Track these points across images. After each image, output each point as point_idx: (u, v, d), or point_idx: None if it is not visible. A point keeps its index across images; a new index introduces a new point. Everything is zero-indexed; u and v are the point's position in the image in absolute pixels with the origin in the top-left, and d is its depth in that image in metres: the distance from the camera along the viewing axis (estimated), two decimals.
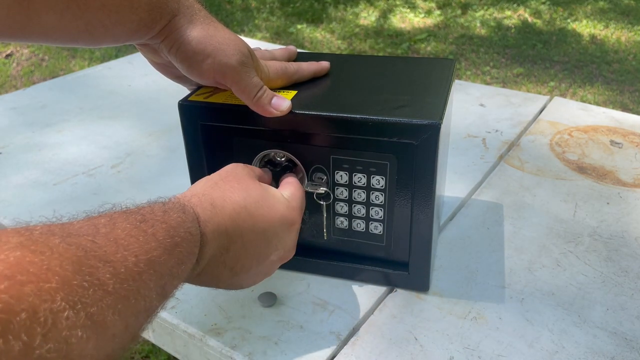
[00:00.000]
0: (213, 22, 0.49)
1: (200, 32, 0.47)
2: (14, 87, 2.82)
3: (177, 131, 0.54)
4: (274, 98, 0.49)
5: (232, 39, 0.48)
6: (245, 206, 0.43)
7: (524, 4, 3.77)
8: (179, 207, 0.38)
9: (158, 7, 0.46)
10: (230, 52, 0.47)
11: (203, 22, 0.48)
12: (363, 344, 0.50)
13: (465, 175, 0.76)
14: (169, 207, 0.37)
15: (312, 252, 0.57)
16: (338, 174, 0.53)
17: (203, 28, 0.48)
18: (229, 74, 0.48)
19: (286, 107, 0.49)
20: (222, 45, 0.47)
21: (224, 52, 0.47)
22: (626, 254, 0.61)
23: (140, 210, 0.35)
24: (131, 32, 0.47)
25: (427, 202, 0.50)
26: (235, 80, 0.48)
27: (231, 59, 0.47)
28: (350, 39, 3.36)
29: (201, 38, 0.47)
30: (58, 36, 0.45)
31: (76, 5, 0.43)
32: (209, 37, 0.47)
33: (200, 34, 0.47)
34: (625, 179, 0.75)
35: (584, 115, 0.92)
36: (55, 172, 0.80)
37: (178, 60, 0.49)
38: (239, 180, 0.45)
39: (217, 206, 0.41)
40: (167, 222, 0.35)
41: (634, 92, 2.66)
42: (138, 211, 0.34)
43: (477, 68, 2.94)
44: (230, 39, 0.48)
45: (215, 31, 0.48)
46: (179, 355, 0.56)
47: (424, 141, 0.47)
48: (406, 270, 0.55)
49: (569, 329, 0.52)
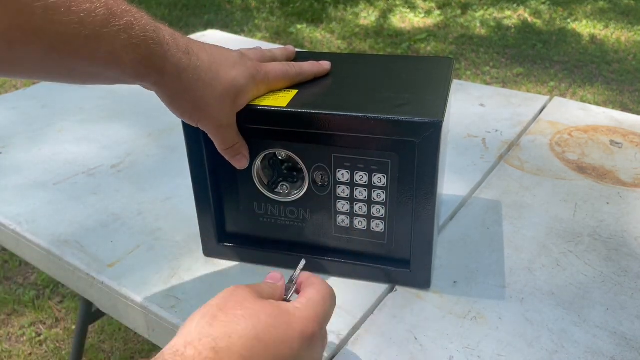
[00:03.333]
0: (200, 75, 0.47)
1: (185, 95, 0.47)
2: (14, 87, 2.82)
3: (177, 131, 0.54)
4: (237, 156, 0.53)
5: (214, 94, 0.48)
6: (256, 336, 0.36)
7: (524, 4, 3.77)
8: None
9: (144, 65, 0.44)
10: (214, 113, 0.49)
11: (191, 78, 0.47)
12: (363, 343, 0.51)
13: (465, 175, 0.76)
14: None
15: (314, 251, 0.57)
16: (339, 173, 0.53)
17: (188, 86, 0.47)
18: (212, 134, 0.51)
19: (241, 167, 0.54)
20: (204, 106, 0.48)
21: (210, 112, 0.49)
22: (626, 254, 0.61)
23: None
24: (118, 81, 0.46)
25: (429, 200, 0.50)
26: (215, 136, 0.51)
27: (213, 122, 0.50)
28: (350, 39, 3.36)
29: (188, 99, 0.48)
30: (43, 77, 0.44)
31: (57, 55, 0.40)
32: (196, 98, 0.48)
33: (184, 95, 0.47)
34: (625, 179, 0.75)
35: (584, 115, 0.92)
36: (55, 172, 0.80)
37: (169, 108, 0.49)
38: (243, 305, 0.37)
39: (222, 349, 0.34)
40: None
41: (634, 92, 2.66)
42: None
43: (477, 68, 2.94)
44: (212, 95, 0.48)
45: (202, 87, 0.48)
46: None
47: (425, 139, 0.47)
48: (408, 267, 0.55)
49: (569, 328, 0.52)
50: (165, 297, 0.56)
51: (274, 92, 0.53)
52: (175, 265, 0.60)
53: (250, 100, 0.52)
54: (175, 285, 0.58)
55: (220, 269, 0.60)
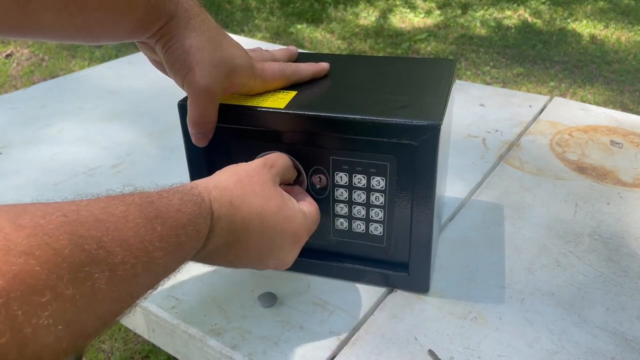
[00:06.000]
0: (207, 31, 0.48)
1: (189, 41, 0.47)
2: (14, 87, 2.82)
3: (177, 131, 0.54)
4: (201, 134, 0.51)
5: (214, 57, 0.48)
6: (260, 213, 0.44)
7: (524, 4, 3.77)
8: (197, 200, 0.39)
9: (155, 8, 0.46)
10: (202, 74, 0.48)
11: (198, 29, 0.48)
12: (363, 344, 0.50)
13: (465, 176, 0.76)
14: (186, 199, 0.38)
15: (312, 253, 0.57)
16: (338, 175, 0.53)
17: (194, 37, 0.48)
18: (190, 93, 0.49)
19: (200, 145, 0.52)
20: (201, 63, 0.47)
21: (198, 71, 0.48)
22: (626, 254, 0.61)
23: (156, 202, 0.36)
24: (129, 31, 0.47)
25: (427, 203, 0.50)
26: (195, 101, 0.49)
27: (201, 81, 0.48)
28: (350, 39, 3.36)
29: (187, 48, 0.47)
30: (56, 34, 0.45)
31: (74, 5, 0.43)
32: (194, 50, 0.47)
33: (188, 43, 0.47)
34: (625, 179, 0.75)
35: (584, 115, 0.92)
36: (55, 172, 0.79)
37: (164, 61, 0.49)
38: (262, 186, 0.46)
39: (234, 206, 0.42)
40: (179, 219, 0.36)
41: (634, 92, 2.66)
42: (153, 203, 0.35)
43: (477, 68, 2.94)
44: (212, 57, 0.48)
45: (205, 43, 0.48)
46: (179, 355, 0.56)
47: (424, 142, 0.47)
48: (406, 271, 0.55)
49: (569, 329, 0.52)
50: (165, 297, 0.56)
51: (272, 93, 0.53)
52: None
53: (243, 90, 0.51)
54: (175, 285, 0.58)
55: (220, 269, 0.60)
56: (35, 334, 0.24)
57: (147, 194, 0.36)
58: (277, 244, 0.47)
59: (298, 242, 0.48)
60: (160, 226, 0.34)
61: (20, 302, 0.23)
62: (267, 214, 0.45)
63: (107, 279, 0.28)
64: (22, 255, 0.24)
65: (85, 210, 0.30)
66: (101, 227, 0.30)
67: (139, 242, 0.32)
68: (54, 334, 0.25)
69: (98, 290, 0.28)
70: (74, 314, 0.26)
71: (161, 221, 0.35)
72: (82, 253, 0.27)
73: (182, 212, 0.37)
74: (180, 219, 0.36)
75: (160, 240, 0.34)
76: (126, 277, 0.30)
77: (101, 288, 0.28)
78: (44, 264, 0.25)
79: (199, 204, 0.39)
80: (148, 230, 0.33)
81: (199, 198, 0.40)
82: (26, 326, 0.23)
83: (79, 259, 0.27)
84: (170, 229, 0.35)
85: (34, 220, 0.26)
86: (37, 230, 0.26)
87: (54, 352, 0.25)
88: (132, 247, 0.31)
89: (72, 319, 0.26)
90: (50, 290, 0.25)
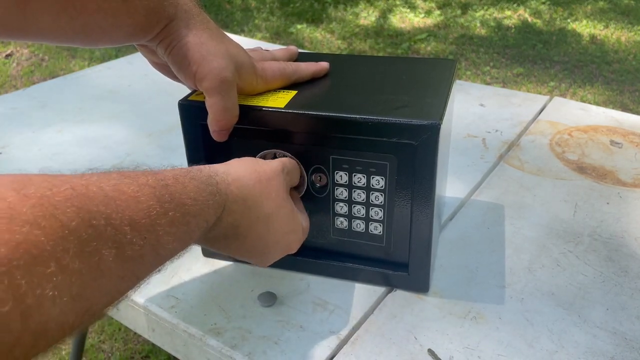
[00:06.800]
0: (208, 29, 0.49)
1: (193, 39, 0.47)
2: (14, 87, 2.82)
3: (177, 131, 0.54)
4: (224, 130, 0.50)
5: (220, 49, 0.48)
6: (267, 219, 0.45)
7: (524, 4, 3.77)
8: (212, 191, 0.40)
9: (155, 12, 0.46)
10: (214, 65, 0.47)
11: (199, 27, 0.48)
12: (363, 343, 0.51)
13: (465, 175, 0.76)
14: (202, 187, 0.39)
15: (312, 252, 0.57)
16: (338, 174, 0.53)
17: (197, 34, 0.48)
18: (206, 87, 0.48)
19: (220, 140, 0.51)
20: (209, 55, 0.47)
21: (209, 63, 0.47)
22: (626, 254, 0.61)
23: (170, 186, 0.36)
24: (128, 35, 0.47)
25: (427, 203, 0.50)
26: (214, 94, 0.48)
27: (215, 71, 0.47)
28: (350, 39, 3.36)
29: (192, 44, 0.47)
30: (55, 37, 0.45)
31: (73, 8, 0.43)
32: (199, 45, 0.47)
33: (192, 40, 0.47)
34: (625, 179, 0.75)
35: (584, 115, 0.92)
36: (55, 172, 0.79)
37: (170, 62, 0.49)
38: (277, 192, 0.47)
39: (247, 206, 0.43)
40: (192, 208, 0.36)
41: (634, 92, 2.66)
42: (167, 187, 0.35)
43: (477, 68, 2.94)
44: (218, 50, 0.48)
45: (208, 39, 0.48)
46: (179, 355, 0.56)
47: (423, 141, 0.47)
48: (406, 271, 0.55)
49: (569, 329, 0.52)
50: (165, 297, 0.56)
51: (272, 92, 0.53)
52: (175, 265, 0.60)
53: (246, 89, 0.51)
54: (175, 285, 0.58)
55: (220, 269, 0.60)
56: (40, 305, 0.23)
57: (162, 176, 0.36)
58: (270, 249, 0.48)
59: (287, 252, 0.51)
60: (173, 211, 0.34)
61: (24, 271, 0.23)
62: (273, 222, 0.46)
63: (114, 256, 0.28)
64: (25, 224, 0.24)
65: (94, 186, 0.29)
66: (111, 205, 0.29)
67: (150, 224, 0.32)
68: (59, 306, 0.24)
69: (105, 267, 0.27)
70: (80, 288, 0.26)
71: (174, 206, 0.34)
72: (89, 228, 0.27)
73: (196, 200, 0.37)
74: (193, 207, 0.36)
75: (170, 225, 0.34)
76: (134, 257, 0.30)
77: (108, 265, 0.28)
78: (49, 234, 0.24)
79: (214, 195, 0.39)
80: (160, 214, 0.33)
81: (215, 189, 0.40)
82: (30, 296, 0.23)
83: (86, 234, 0.26)
84: (182, 215, 0.35)
85: (40, 191, 0.26)
86: (43, 200, 0.25)
87: (60, 325, 0.25)
88: (141, 229, 0.31)
89: (78, 293, 0.25)
90: (55, 262, 0.24)
